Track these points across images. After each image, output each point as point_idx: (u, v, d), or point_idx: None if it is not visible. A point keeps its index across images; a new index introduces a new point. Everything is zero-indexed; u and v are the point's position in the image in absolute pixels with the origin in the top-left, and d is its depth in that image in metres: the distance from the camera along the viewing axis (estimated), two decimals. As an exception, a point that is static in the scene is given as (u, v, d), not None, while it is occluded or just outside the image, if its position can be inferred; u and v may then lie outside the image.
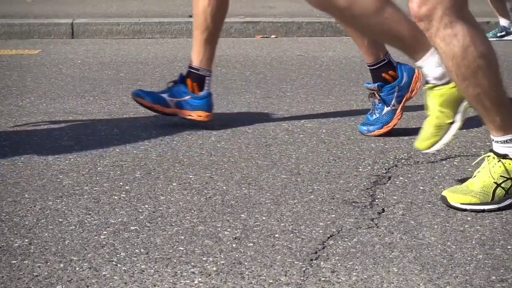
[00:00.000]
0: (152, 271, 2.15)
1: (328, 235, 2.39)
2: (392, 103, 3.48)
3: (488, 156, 2.63)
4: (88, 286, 2.07)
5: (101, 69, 5.19)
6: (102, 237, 2.38)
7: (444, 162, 3.11)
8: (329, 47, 6.12)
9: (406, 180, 2.90)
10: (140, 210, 2.60)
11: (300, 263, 2.20)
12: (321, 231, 2.42)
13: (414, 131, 3.56)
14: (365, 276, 2.12)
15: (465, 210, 2.57)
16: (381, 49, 3.52)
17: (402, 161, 3.14)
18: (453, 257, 2.24)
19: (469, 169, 3.01)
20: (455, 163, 3.10)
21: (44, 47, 6.22)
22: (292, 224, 2.48)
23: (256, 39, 6.70)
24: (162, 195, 2.74)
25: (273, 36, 6.79)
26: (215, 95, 4.35)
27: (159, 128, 3.64)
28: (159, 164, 3.10)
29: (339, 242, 2.34)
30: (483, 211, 2.56)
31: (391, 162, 3.12)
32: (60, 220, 2.52)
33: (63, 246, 2.31)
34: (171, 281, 2.09)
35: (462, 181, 2.87)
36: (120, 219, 2.52)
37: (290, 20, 7.01)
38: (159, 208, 2.62)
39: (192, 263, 2.20)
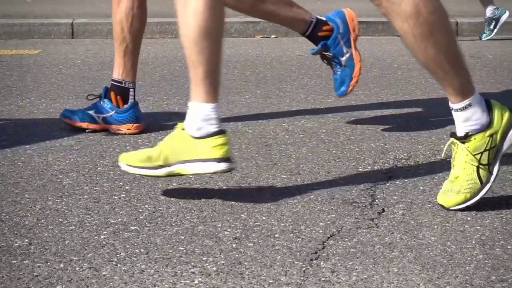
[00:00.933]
0: (152, 271, 2.15)
1: (328, 235, 2.39)
2: (344, 51, 3.47)
3: (454, 144, 2.61)
4: (88, 286, 2.07)
5: (101, 69, 5.19)
6: (102, 237, 2.38)
7: (444, 162, 3.11)
8: (329, 47, 6.11)
9: (406, 180, 2.90)
10: (140, 210, 2.60)
11: (300, 263, 2.20)
12: (321, 231, 2.42)
13: (414, 131, 3.57)
14: (365, 276, 2.12)
15: (466, 207, 2.56)
16: (305, 13, 3.52)
17: (402, 161, 3.14)
18: (453, 257, 2.24)
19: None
20: (455, 163, 3.10)
21: (44, 47, 6.22)
22: (292, 224, 2.48)
23: (256, 39, 6.70)
24: (162, 195, 2.74)
25: (273, 36, 6.79)
26: (215, 95, 4.35)
27: (159, 128, 3.64)
28: (159, 164, 3.09)
29: (339, 242, 2.34)
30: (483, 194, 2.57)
31: (391, 162, 3.12)
32: (60, 220, 2.52)
33: (63, 246, 2.31)
34: (171, 281, 2.09)
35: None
36: (120, 219, 2.52)
37: (290, 20, 7.00)
38: (159, 208, 2.62)
39: (192, 263, 2.20)
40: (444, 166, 3.06)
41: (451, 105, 2.60)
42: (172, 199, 2.70)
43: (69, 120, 3.58)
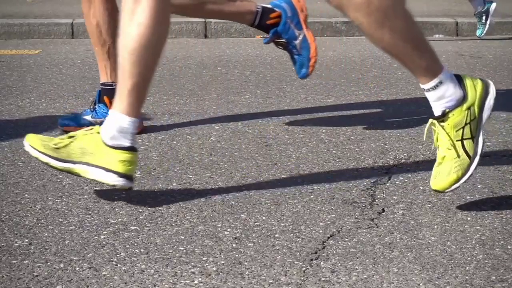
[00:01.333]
0: (152, 271, 2.15)
1: (328, 235, 2.39)
2: (296, 34, 3.46)
3: (434, 125, 2.58)
4: (88, 286, 2.07)
5: (101, 69, 5.18)
6: (102, 237, 2.38)
7: (444, 162, 3.11)
8: (329, 47, 6.12)
9: (406, 180, 2.90)
10: (140, 210, 2.60)
11: (300, 263, 2.20)
12: (321, 231, 2.42)
13: (414, 131, 3.57)
14: (365, 276, 2.12)
15: (459, 185, 2.53)
16: (249, 4, 3.51)
17: (402, 161, 3.14)
18: (453, 257, 2.24)
19: (469, 169, 3.01)
20: (455, 163, 3.10)
21: (44, 47, 6.22)
22: (292, 224, 2.48)
23: (256, 39, 6.70)
24: (162, 195, 2.74)
25: (273, 36, 6.79)
26: (215, 95, 4.35)
27: (159, 128, 3.64)
28: (159, 164, 3.10)
29: (339, 242, 2.34)
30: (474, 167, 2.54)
31: (391, 162, 3.12)
32: (60, 220, 2.52)
33: (63, 246, 2.31)
34: (171, 281, 2.09)
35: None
36: (120, 219, 2.52)
37: (290, 20, 7.00)
38: (159, 208, 2.62)
39: (192, 263, 2.20)
40: (444, 166, 3.06)
41: (421, 86, 2.57)
42: (172, 199, 2.70)
43: (67, 128, 3.58)
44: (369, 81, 4.72)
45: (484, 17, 6.47)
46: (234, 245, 2.32)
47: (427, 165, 3.08)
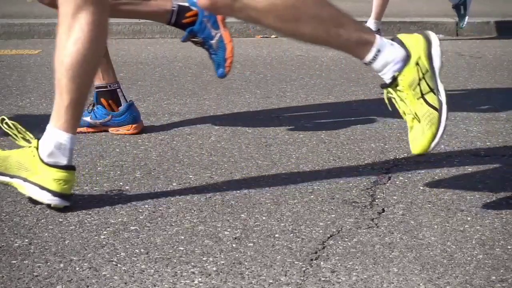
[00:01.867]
0: (152, 271, 2.15)
1: (328, 235, 2.39)
2: (213, 34, 3.45)
3: (390, 93, 2.53)
4: (88, 286, 2.07)
5: (101, 69, 5.18)
6: (102, 237, 2.38)
7: (444, 162, 3.11)
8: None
9: (406, 180, 2.90)
10: (140, 210, 2.60)
11: (300, 263, 2.20)
12: (321, 231, 2.42)
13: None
14: (365, 276, 2.12)
15: (438, 141, 2.49)
16: (165, 3, 3.49)
17: (402, 161, 3.14)
18: (453, 257, 2.24)
19: (469, 169, 3.01)
20: (455, 163, 3.10)
21: (44, 47, 6.22)
22: (292, 224, 2.48)
23: (256, 39, 6.70)
24: (162, 195, 2.74)
25: (273, 36, 6.79)
26: (215, 95, 4.35)
27: (159, 128, 3.64)
28: (159, 164, 3.10)
29: (339, 242, 2.34)
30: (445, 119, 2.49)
31: (391, 162, 3.12)
32: (60, 220, 2.52)
33: (63, 246, 2.31)
34: (171, 281, 2.09)
35: (463, 181, 2.88)
36: (120, 219, 2.52)
37: (290, 20, 7.00)
38: (159, 208, 2.62)
39: (192, 263, 2.20)
40: (444, 166, 3.06)
41: (362, 62, 2.53)
42: (172, 199, 2.70)
43: None
44: (369, 81, 4.72)
45: (462, 9, 6.43)
46: (234, 245, 2.32)
47: (427, 165, 3.08)
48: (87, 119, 3.55)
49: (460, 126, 3.65)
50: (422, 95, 2.51)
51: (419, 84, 2.51)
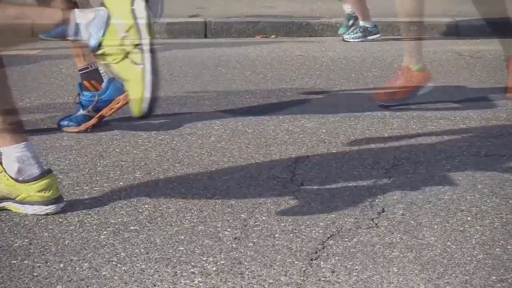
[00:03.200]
0: (152, 271, 2.15)
1: (328, 235, 2.39)
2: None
3: (100, 58, 2.44)
4: (88, 286, 2.07)
5: (101, 69, 5.18)
6: (102, 237, 2.38)
7: (444, 162, 3.11)
8: (329, 47, 6.12)
9: (406, 180, 2.90)
10: (140, 210, 2.60)
11: (300, 263, 2.20)
12: (321, 231, 2.42)
13: (414, 131, 3.57)
14: (365, 276, 2.12)
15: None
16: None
17: (402, 161, 3.14)
18: (453, 257, 2.24)
19: (469, 169, 3.01)
20: (455, 163, 3.10)
21: (44, 47, 6.21)
22: (292, 224, 2.48)
23: (256, 39, 6.70)
24: (162, 195, 2.74)
25: (273, 36, 6.79)
26: (215, 95, 4.35)
27: (159, 128, 3.64)
28: (159, 164, 3.10)
29: (339, 242, 2.34)
30: None
31: (391, 162, 3.12)
32: (60, 220, 2.52)
33: (63, 246, 2.31)
34: (171, 281, 2.09)
35: (463, 181, 2.88)
36: (120, 219, 2.52)
37: (290, 20, 7.00)
38: (159, 208, 2.62)
39: (192, 263, 2.20)
40: (444, 166, 3.06)
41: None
42: (172, 199, 2.70)
43: (67, 128, 3.58)
44: (369, 81, 4.72)
45: (352, 21, 6.42)
46: (234, 245, 2.32)
47: (427, 165, 3.08)
48: (83, 112, 3.57)
49: (460, 126, 3.65)
50: (126, 54, 2.39)
51: (124, 38, 2.40)
